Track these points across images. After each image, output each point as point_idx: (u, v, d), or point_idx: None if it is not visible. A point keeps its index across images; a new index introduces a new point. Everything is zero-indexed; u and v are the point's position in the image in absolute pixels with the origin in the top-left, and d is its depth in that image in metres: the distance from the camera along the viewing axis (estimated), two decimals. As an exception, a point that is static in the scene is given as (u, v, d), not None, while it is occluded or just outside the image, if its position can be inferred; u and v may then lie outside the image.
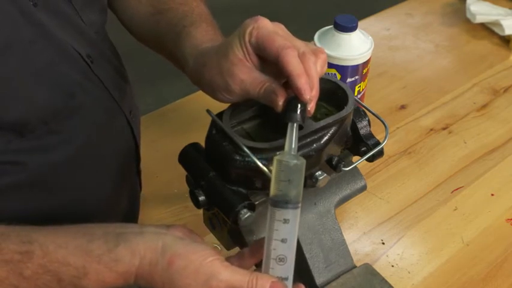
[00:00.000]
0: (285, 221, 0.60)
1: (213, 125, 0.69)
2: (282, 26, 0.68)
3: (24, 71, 0.67)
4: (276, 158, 0.60)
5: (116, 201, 0.85)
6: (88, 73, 0.77)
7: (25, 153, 0.70)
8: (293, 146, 0.61)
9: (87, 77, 0.77)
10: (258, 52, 0.66)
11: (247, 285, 0.60)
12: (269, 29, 0.66)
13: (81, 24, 0.79)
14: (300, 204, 0.61)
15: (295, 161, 0.60)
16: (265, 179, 0.65)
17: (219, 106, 0.71)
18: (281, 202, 0.60)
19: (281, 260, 0.60)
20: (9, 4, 0.66)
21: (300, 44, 0.66)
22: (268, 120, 0.72)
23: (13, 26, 0.66)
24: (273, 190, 0.60)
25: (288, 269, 0.61)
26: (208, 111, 0.69)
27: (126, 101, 0.85)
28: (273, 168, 0.60)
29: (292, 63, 0.63)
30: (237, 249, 0.76)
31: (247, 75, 0.66)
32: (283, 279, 0.61)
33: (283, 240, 0.60)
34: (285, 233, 0.60)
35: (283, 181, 0.60)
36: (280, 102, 0.63)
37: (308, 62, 0.64)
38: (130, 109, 0.86)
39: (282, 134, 0.68)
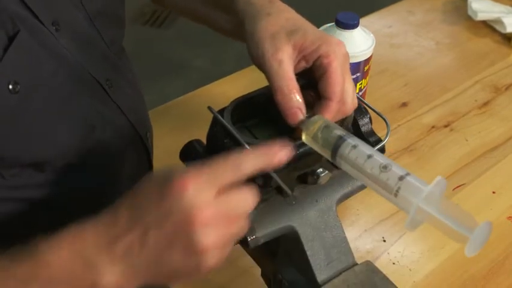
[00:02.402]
0: (354, 146, 0.60)
1: (215, 122, 0.69)
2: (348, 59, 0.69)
3: (46, 108, 0.66)
4: (307, 137, 0.64)
5: None
6: (107, 101, 0.75)
7: (45, 188, 0.69)
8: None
9: (105, 105, 0.75)
10: (313, 64, 0.68)
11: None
12: (342, 64, 0.67)
13: (102, 45, 0.78)
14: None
15: (312, 119, 0.64)
16: (267, 176, 0.65)
17: (220, 103, 0.70)
18: (336, 143, 0.61)
19: (385, 167, 0.57)
20: (30, 39, 0.64)
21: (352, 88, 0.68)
22: (269, 117, 0.72)
23: (36, 63, 0.64)
24: (326, 146, 0.62)
25: (398, 168, 0.57)
26: (209, 108, 0.69)
27: (142, 123, 0.83)
28: (313, 145, 0.64)
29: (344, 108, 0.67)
30: (237, 247, 0.75)
31: (288, 68, 0.66)
32: (405, 175, 0.57)
33: (369, 156, 0.59)
34: (364, 152, 0.59)
35: (324, 135, 0.62)
36: (300, 119, 0.65)
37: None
38: (146, 131, 0.84)
39: (284, 131, 0.68)
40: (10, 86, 0.60)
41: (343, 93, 0.67)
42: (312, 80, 0.68)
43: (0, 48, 0.60)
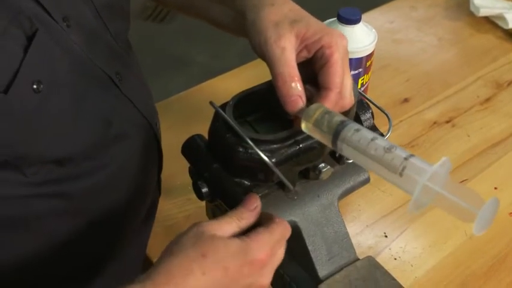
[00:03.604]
0: (357, 130, 0.60)
1: (216, 116, 0.69)
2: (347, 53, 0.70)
3: (65, 106, 0.66)
4: (307, 125, 0.64)
5: (137, 213, 0.85)
6: (118, 95, 0.75)
7: (66, 181, 0.70)
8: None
9: (118, 99, 0.75)
10: (314, 55, 0.68)
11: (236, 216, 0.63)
12: (343, 56, 0.68)
13: (108, 38, 0.78)
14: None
15: (313, 107, 0.64)
16: (269, 171, 0.65)
17: (222, 98, 0.70)
18: (339, 127, 0.61)
19: (389, 149, 0.57)
20: (47, 37, 0.64)
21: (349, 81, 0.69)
22: (271, 112, 0.72)
23: (53, 61, 0.64)
24: (327, 131, 0.62)
25: (402, 151, 0.57)
26: (211, 103, 0.69)
27: (152, 113, 0.84)
28: (313, 132, 0.64)
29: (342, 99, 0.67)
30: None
31: (290, 56, 0.66)
32: (409, 156, 0.56)
33: (373, 139, 0.59)
34: (367, 135, 0.59)
35: (325, 121, 0.62)
36: (300, 107, 0.65)
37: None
38: (156, 121, 0.85)
39: (286, 126, 0.68)
40: (34, 86, 0.61)
41: (342, 86, 0.66)
42: (310, 74, 0.68)
43: (21, 49, 0.60)
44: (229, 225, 0.62)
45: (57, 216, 0.71)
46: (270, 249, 0.60)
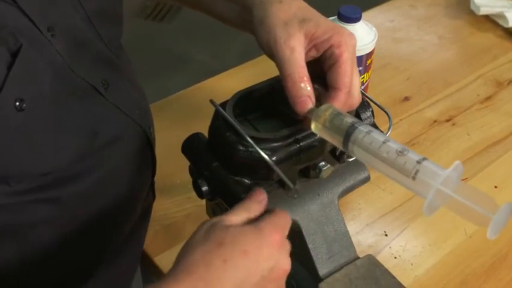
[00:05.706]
0: (368, 132, 0.60)
1: (217, 115, 0.69)
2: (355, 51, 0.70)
3: (48, 121, 0.64)
4: (316, 125, 0.64)
5: (129, 217, 0.84)
6: (105, 104, 0.73)
7: (52, 188, 0.68)
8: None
9: (104, 108, 0.73)
10: (323, 54, 0.68)
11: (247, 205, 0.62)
12: (352, 56, 0.68)
13: (99, 46, 0.76)
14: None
15: (322, 107, 0.64)
16: (269, 169, 0.65)
17: (222, 96, 0.70)
18: (349, 129, 0.61)
19: (401, 152, 0.58)
20: (31, 51, 0.61)
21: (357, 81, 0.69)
22: (272, 110, 0.72)
23: (36, 75, 0.62)
24: (338, 133, 0.62)
25: (414, 154, 0.58)
26: (211, 101, 0.69)
27: (145, 118, 0.82)
28: (323, 133, 0.64)
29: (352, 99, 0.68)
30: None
31: (300, 57, 0.66)
32: (422, 160, 0.57)
33: (385, 142, 0.59)
34: (379, 138, 0.59)
35: (335, 122, 0.62)
36: (310, 108, 0.65)
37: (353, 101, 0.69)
38: (149, 125, 0.83)
39: (286, 124, 0.68)
40: (17, 103, 0.59)
41: (351, 85, 0.66)
42: (318, 73, 0.68)
43: (4, 67, 0.58)
44: (238, 217, 0.61)
45: (47, 222, 0.69)
46: (281, 230, 0.60)
